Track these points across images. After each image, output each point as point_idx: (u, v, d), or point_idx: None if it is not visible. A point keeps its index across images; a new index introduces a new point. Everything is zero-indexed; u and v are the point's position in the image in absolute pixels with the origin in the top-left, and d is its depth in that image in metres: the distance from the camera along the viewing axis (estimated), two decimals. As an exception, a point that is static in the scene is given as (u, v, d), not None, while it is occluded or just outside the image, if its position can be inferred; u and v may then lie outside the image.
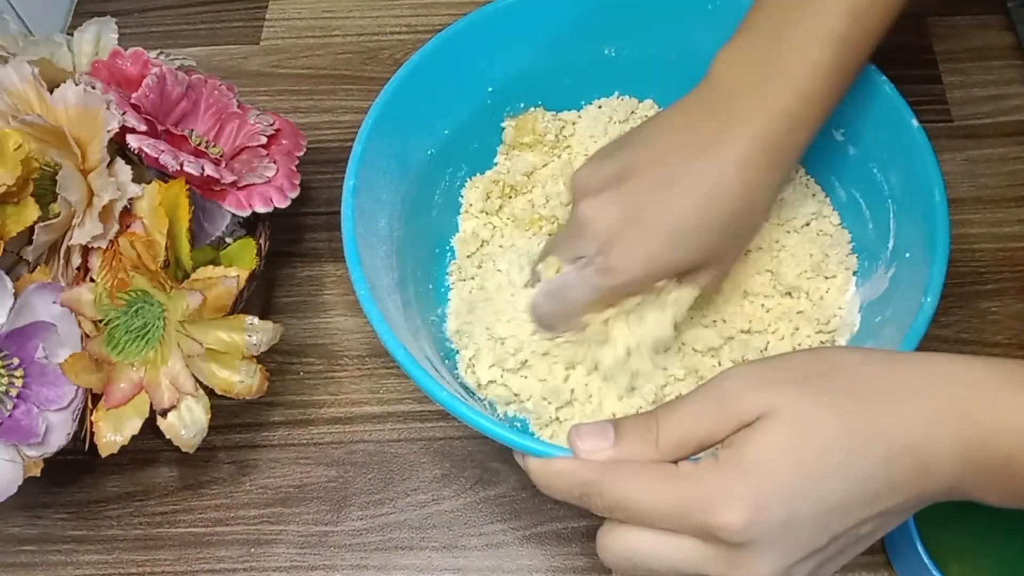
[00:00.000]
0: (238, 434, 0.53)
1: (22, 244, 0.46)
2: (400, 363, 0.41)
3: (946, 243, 0.42)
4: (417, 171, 0.52)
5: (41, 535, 0.51)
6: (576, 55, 0.54)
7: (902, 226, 0.47)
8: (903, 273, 0.46)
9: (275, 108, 0.59)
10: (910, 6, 0.44)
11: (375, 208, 0.48)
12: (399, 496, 0.51)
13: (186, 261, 0.46)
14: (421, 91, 0.50)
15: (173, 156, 0.46)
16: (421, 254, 0.52)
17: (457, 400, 0.39)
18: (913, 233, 0.46)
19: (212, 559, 0.49)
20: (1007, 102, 0.61)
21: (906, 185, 0.47)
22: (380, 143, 0.48)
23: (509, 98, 0.55)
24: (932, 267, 0.42)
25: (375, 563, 0.49)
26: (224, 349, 0.45)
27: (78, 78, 0.47)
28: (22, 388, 0.45)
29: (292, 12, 0.69)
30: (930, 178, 0.44)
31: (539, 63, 0.54)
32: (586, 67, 0.55)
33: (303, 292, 0.57)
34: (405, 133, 0.50)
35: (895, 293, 0.46)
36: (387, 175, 0.49)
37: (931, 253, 0.42)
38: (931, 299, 0.41)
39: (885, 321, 0.45)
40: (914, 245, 0.45)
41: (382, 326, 0.42)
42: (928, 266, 0.42)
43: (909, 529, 0.41)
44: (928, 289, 0.41)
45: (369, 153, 0.47)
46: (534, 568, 0.48)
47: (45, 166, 0.46)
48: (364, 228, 0.46)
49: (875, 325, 0.46)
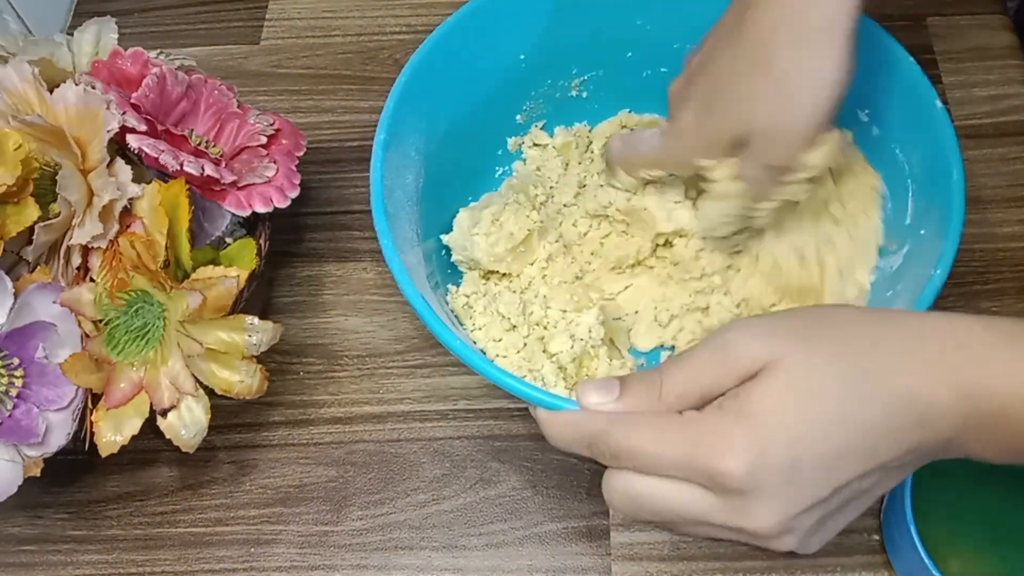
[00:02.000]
0: (238, 434, 0.53)
1: (22, 244, 0.46)
2: (419, 312, 0.41)
3: (960, 220, 0.43)
4: (447, 131, 0.52)
5: (41, 535, 0.51)
6: (605, 24, 0.54)
7: (919, 204, 0.48)
8: (916, 250, 0.46)
9: (275, 108, 0.59)
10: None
11: (403, 163, 0.49)
12: (399, 496, 0.51)
13: (186, 261, 0.46)
14: (454, 54, 0.51)
15: (173, 156, 0.46)
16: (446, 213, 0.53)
17: (472, 351, 0.40)
18: (929, 211, 0.46)
19: (212, 559, 0.49)
20: (1007, 102, 0.61)
21: (925, 164, 0.47)
22: (411, 102, 0.49)
23: (541, 69, 0.55)
24: (945, 242, 0.43)
25: (375, 563, 0.49)
26: (224, 349, 0.45)
27: (78, 78, 0.47)
28: (22, 388, 0.45)
29: (292, 12, 0.69)
30: (949, 158, 0.45)
31: (570, 34, 0.54)
32: (614, 35, 0.55)
33: (303, 292, 0.57)
34: (437, 94, 0.51)
35: (907, 269, 0.47)
36: (416, 133, 0.50)
37: (945, 230, 0.43)
38: (941, 271, 0.42)
39: (896, 295, 0.46)
40: (929, 223, 0.46)
41: (403, 276, 0.42)
42: (942, 240, 0.43)
43: (909, 529, 0.42)
44: (939, 262, 0.42)
45: (400, 110, 0.48)
46: (534, 568, 0.48)
47: (45, 166, 0.46)
48: (392, 181, 0.47)
49: (886, 299, 0.47)
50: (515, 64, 0.54)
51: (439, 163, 0.52)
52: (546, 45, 0.54)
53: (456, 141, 0.53)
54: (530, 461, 0.51)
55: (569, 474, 0.50)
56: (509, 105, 0.56)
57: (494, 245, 0.50)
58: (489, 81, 0.54)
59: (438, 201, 0.52)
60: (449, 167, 0.53)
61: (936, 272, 0.42)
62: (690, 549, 0.48)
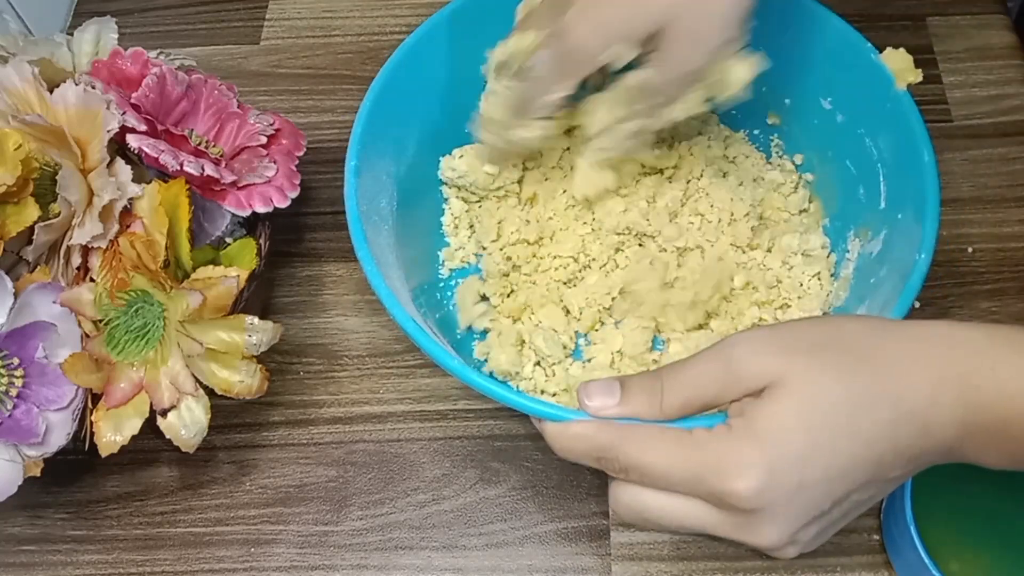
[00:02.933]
0: (238, 434, 0.53)
1: (22, 244, 0.46)
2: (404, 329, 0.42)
3: (936, 201, 0.44)
4: (416, 151, 0.52)
5: (41, 535, 0.51)
6: None
7: (892, 189, 0.48)
8: (896, 235, 0.47)
9: (275, 108, 0.59)
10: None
11: (376, 188, 0.49)
12: (399, 496, 0.51)
13: (186, 261, 0.46)
14: (417, 73, 0.51)
15: (173, 156, 0.46)
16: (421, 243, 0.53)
17: (468, 369, 0.40)
18: (904, 195, 0.47)
19: (212, 559, 0.49)
20: (1007, 102, 0.61)
21: (893, 148, 0.48)
22: (379, 124, 0.49)
23: None
24: (924, 225, 0.43)
25: (375, 563, 0.49)
26: (224, 349, 0.45)
27: (78, 78, 0.47)
28: (22, 388, 0.45)
29: (292, 12, 0.69)
30: (917, 140, 0.45)
31: None
32: None
33: (303, 292, 0.57)
34: (404, 113, 0.51)
35: (889, 254, 0.47)
36: (385, 156, 0.50)
37: (922, 213, 0.44)
38: (925, 255, 0.42)
39: (880, 281, 0.47)
40: (905, 207, 0.46)
41: (390, 300, 0.42)
42: (920, 225, 0.43)
43: (909, 529, 0.42)
44: (921, 246, 0.43)
45: (368, 134, 0.48)
46: (534, 568, 0.48)
47: (45, 166, 0.46)
48: (367, 206, 0.47)
49: (870, 285, 0.47)
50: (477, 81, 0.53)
51: (409, 184, 0.52)
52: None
53: (423, 162, 0.53)
54: (530, 461, 0.51)
55: (569, 474, 0.50)
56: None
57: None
58: (451, 100, 0.54)
59: (413, 223, 0.52)
60: (420, 187, 0.53)
61: (920, 257, 0.42)
62: (690, 549, 0.48)
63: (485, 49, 0.49)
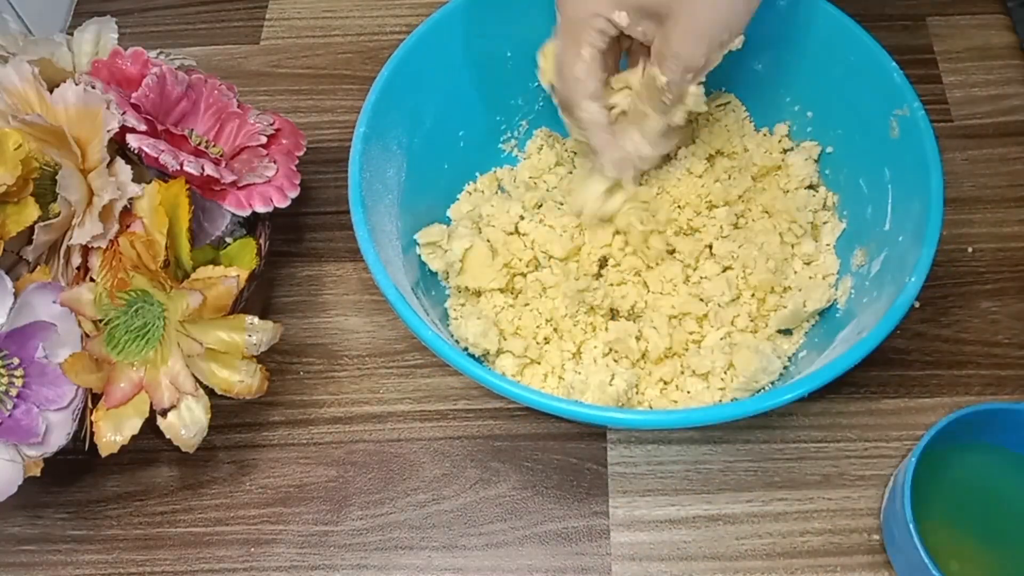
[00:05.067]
0: (238, 434, 0.53)
1: (22, 244, 0.46)
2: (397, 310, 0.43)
3: (937, 227, 0.44)
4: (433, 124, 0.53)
5: (41, 535, 0.51)
6: None
7: (898, 211, 0.48)
8: (894, 256, 0.47)
9: (275, 108, 0.59)
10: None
11: (385, 157, 0.49)
12: (399, 496, 0.51)
13: (186, 261, 0.46)
14: (440, 49, 0.52)
15: (173, 156, 0.46)
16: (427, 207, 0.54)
17: (459, 354, 0.41)
18: (907, 218, 0.47)
19: (212, 559, 0.49)
20: (1007, 102, 0.61)
21: (907, 171, 0.48)
22: (394, 96, 0.50)
23: (528, 67, 0.54)
24: (922, 248, 0.43)
25: (375, 563, 0.49)
26: (224, 349, 0.45)
27: (78, 78, 0.47)
28: (22, 388, 0.45)
29: (292, 12, 0.69)
30: (928, 165, 0.45)
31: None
32: None
33: (303, 292, 0.57)
34: (417, 88, 0.52)
35: (885, 276, 0.47)
36: (399, 126, 0.51)
37: (922, 236, 0.44)
38: (916, 279, 0.42)
39: (872, 301, 0.47)
40: (906, 230, 0.46)
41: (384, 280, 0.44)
42: (919, 248, 0.43)
43: (909, 529, 0.41)
44: (915, 269, 0.43)
45: (383, 102, 0.49)
46: (534, 568, 0.48)
47: (45, 166, 0.46)
48: (371, 174, 0.48)
49: (863, 305, 0.48)
50: (502, 61, 0.54)
51: (422, 159, 0.53)
52: (534, 42, 0.53)
53: (440, 137, 0.54)
54: (530, 461, 0.51)
55: (569, 474, 0.50)
56: (495, 102, 0.56)
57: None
58: (474, 78, 0.54)
59: (421, 198, 0.53)
60: (433, 163, 0.54)
61: (911, 280, 0.42)
62: (690, 549, 0.48)
63: (508, 25, 0.51)
